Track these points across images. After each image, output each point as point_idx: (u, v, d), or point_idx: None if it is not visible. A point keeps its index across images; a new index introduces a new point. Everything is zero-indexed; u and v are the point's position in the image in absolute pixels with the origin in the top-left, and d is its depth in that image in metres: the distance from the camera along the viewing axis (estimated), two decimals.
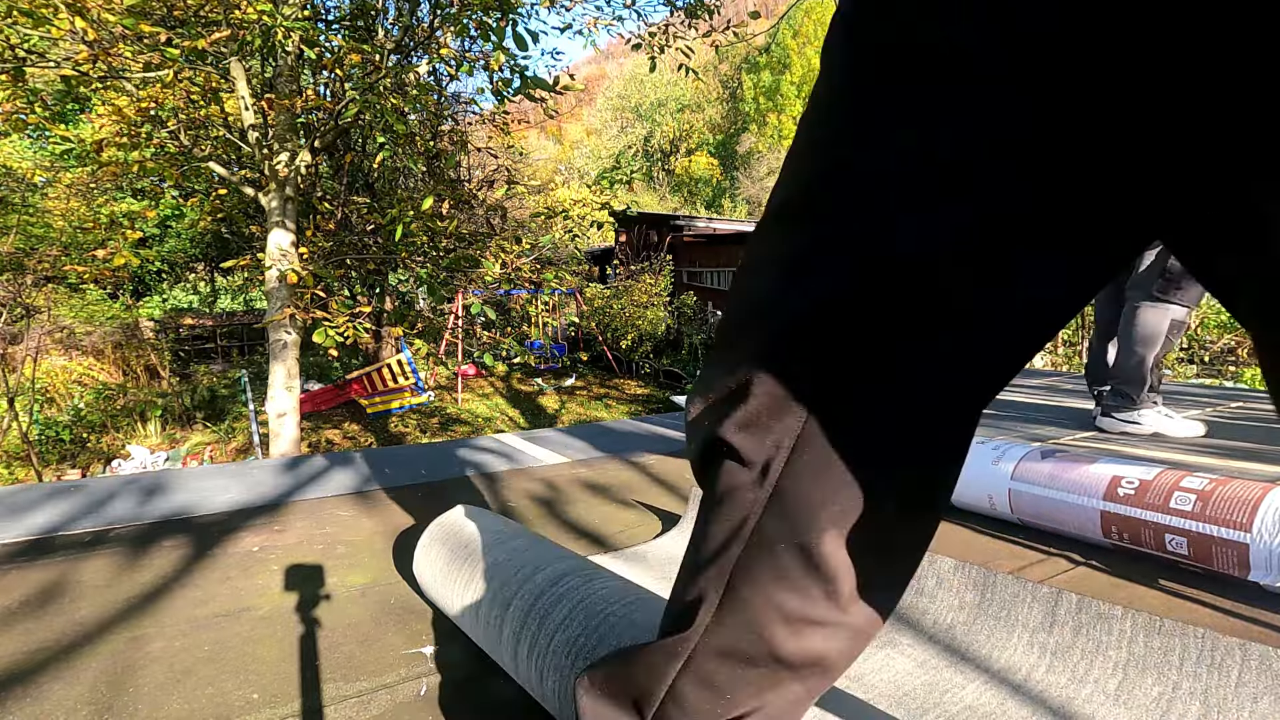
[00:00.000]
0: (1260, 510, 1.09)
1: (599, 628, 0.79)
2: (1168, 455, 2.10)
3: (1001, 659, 0.94)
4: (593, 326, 15.01)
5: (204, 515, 1.73)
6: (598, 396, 12.67)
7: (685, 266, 17.00)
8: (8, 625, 1.13)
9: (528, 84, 4.96)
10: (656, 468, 2.15)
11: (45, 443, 9.13)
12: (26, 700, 0.90)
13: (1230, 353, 8.47)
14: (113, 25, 4.07)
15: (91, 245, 7.61)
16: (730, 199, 43.05)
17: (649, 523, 1.62)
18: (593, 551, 1.41)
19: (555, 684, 0.79)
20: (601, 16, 6.36)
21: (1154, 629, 0.86)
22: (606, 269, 19.29)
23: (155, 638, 1.08)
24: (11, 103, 4.45)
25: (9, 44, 4.09)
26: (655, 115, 48.35)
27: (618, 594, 0.84)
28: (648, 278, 15.06)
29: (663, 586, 1.20)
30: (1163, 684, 0.83)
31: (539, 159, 24.97)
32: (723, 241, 16.30)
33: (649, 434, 2.74)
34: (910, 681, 0.90)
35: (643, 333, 14.57)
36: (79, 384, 11.14)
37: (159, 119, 5.17)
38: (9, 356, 8.76)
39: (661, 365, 14.42)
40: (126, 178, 6.24)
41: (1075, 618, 0.93)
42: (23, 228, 7.45)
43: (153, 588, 1.27)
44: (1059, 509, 1.36)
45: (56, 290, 11.29)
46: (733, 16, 6.49)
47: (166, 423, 10.68)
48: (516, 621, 0.87)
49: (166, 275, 16.85)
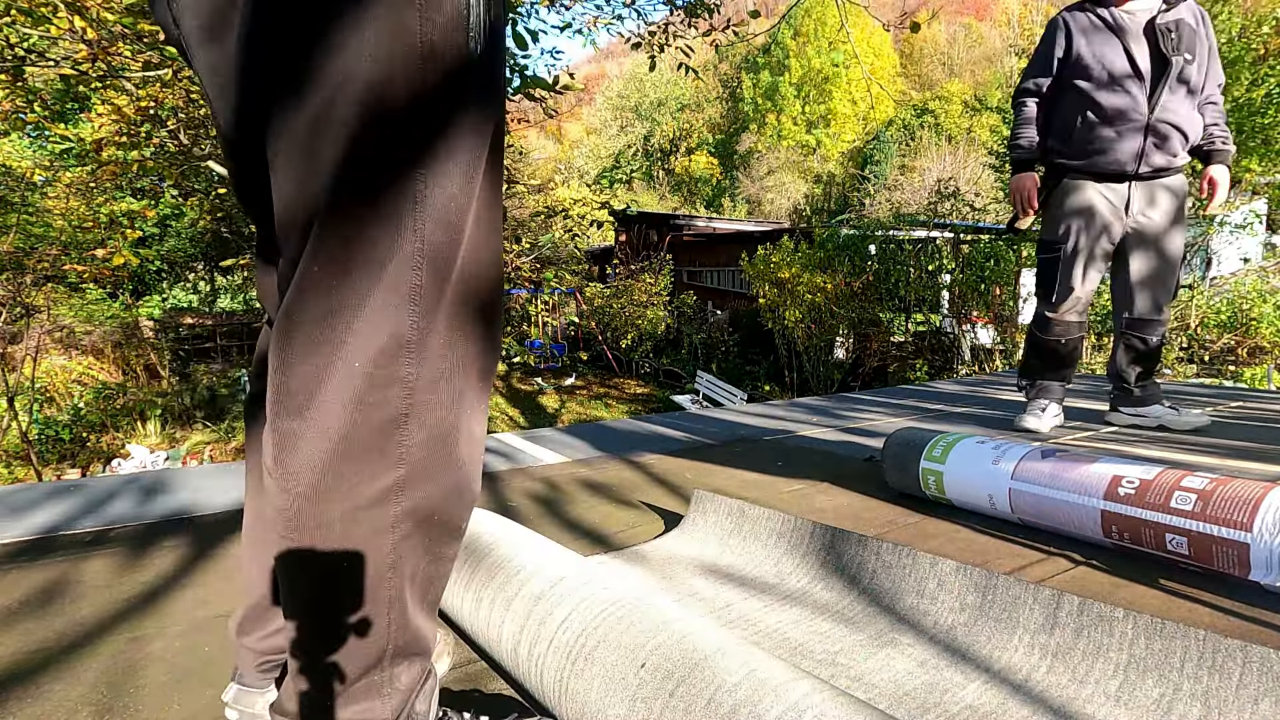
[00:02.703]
0: (1261, 510, 1.09)
1: (600, 628, 0.79)
2: (1168, 455, 2.10)
3: (1002, 660, 0.94)
4: (592, 326, 15.01)
5: (204, 515, 1.73)
6: (598, 396, 12.67)
7: (685, 266, 17.01)
8: (8, 625, 1.13)
9: (527, 83, 4.96)
10: (656, 467, 2.15)
11: (45, 442, 9.13)
12: (26, 700, 0.90)
13: (1230, 352, 8.46)
14: (112, 24, 4.07)
15: (91, 244, 7.60)
16: (730, 198, 43.03)
17: (649, 522, 1.62)
18: (593, 551, 1.41)
19: (556, 684, 0.79)
20: (601, 16, 6.36)
21: (1155, 631, 0.86)
22: (606, 268, 19.29)
23: (156, 638, 1.08)
24: (11, 102, 4.44)
25: (8, 43, 4.08)
26: (655, 115, 48.33)
27: (618, 594, 0.84)
28: (647, 277, 15.07)
29: (664, 586, 1.20)
30: (1164, 686, 0.83)
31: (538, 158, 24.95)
32: (723, 241, 16.30)
33: (649, 433, 2.74)
34: (910, 681, 0.90)
35: (642, 332, 14.57)
36: (79, 383, 11.13)
37: (159, 118, 5.17)
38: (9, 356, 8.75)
39: (661, 364, 14.42)
40: (126, 177, 6.23)
41: (1076, 620, 0.93)
42: (22, 227, 7.43)
43: (153, 588, 1.27)
44: (1059, 509, 1.36)
45: (56, 289, 11.28)
46: (733, 16, 6.48)
47: (166, 422, 10.68)
48: (517, 621, 0.87)
49: (166, 274, 16.84)
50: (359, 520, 0.59)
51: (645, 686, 0.70)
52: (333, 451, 0.57)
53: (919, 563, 1.11)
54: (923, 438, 1.69)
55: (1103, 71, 2.30)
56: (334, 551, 0.59)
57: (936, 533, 1.49)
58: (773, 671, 0.67)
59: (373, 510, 0.59)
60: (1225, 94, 6.01)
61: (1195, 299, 9.12)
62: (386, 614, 0.62)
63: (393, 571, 0.61)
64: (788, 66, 43.86)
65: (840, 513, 1.65)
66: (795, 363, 10.61)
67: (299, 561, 0.60)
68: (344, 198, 0.56)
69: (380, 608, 0.62)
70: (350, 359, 0.57)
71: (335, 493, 0.58)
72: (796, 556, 1.27)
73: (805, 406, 3.43)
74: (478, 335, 0.64)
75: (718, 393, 10.89)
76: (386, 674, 0.64)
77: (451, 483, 0.64)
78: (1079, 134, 2.36)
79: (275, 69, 0.55)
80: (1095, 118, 2.33)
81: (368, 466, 0.58)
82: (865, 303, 9.44)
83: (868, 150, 38.32)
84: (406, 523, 0.61)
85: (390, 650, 0.63)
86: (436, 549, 0.65)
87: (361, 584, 0.61)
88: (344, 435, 0.57)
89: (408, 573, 0.63)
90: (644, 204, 32.50)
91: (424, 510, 0.62)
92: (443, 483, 0.63)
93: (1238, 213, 8.50)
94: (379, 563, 0.61)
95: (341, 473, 0.58)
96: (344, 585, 0.60)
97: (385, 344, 0.57)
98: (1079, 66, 2.34)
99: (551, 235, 15.47)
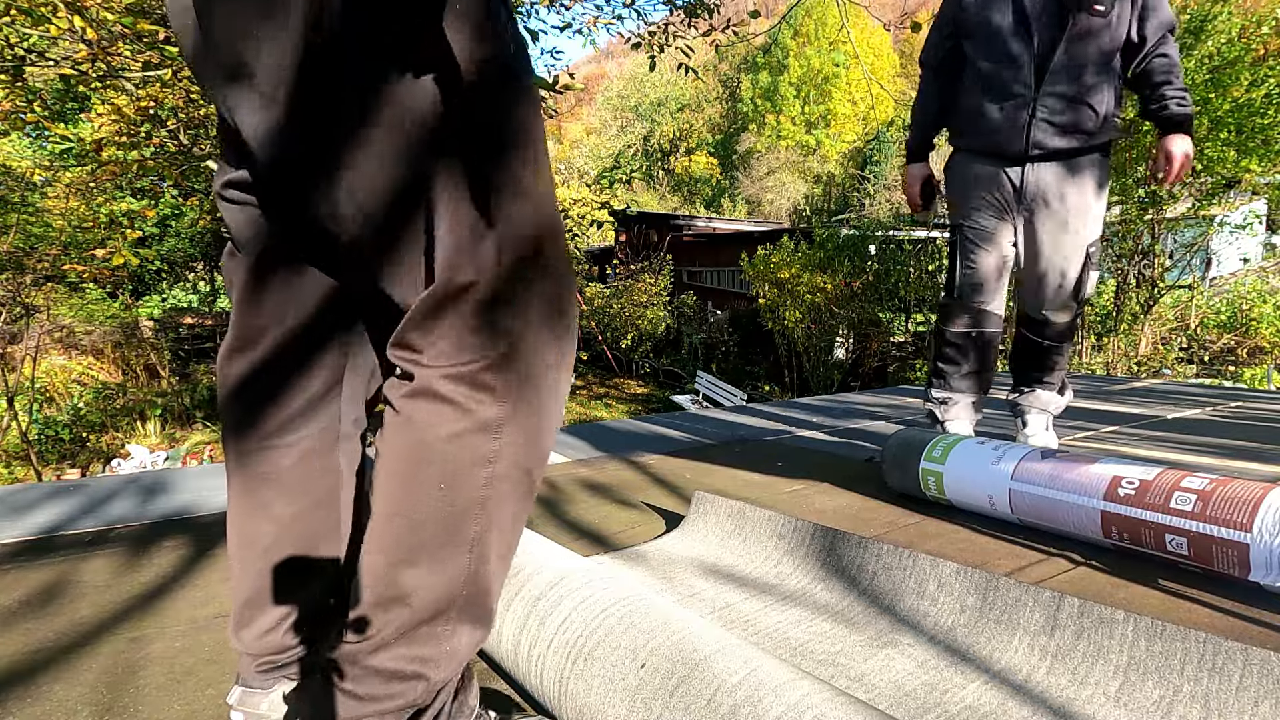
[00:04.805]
0: (1260, 510, 1.09)
1: (599, 628, 0.79)
2: (1168, 455, 2.10)
3: (1002, 661, 0.94)
4: (592, 326, 15.01)
5: (204, 515, 1.73)
6: (597, 396, 12.68)
7: (685, 266, 17.01)
8: (8, 625, 1.12)
9: None
10: (656, 467, 2.15)
11: (45, 442, 9.13)
12: (26, 700, 0.90)
13: (1230, 352, 8.47)
14: (112, 24, 4.07)
15: (91, 244, 7.60)
16: (730, 198, 43.04)
17: (649, 522, 1.62)
18: (593, 551, 1.41)
19: (556, 684, 0.79)
20: (601, 16, 6.36)
21: (1156, 633, 0.86)
22: (606, 268, 19.29)
23: (156, 638, 1.08)
24: (11, 101, 4.44)
25: (8, 43, 4.08)
26: (655, 115, 48.35)
27: (618, 595, 0.84)
28: (647, 277, 15.07)
29: (664, 587, 1.20)
30: (1164, 687, 0.83)
31: None
32: (723, 241, 16.31)
33: (649, 433, 2.74)
34: (910, 681, 0.90)
35: (642, 332, 14.58)
36: (79, 383, 11.13)
37: (158, 118, 5.17)
38: (8, 356, 8.75)
39: (661, 365, 14.42)
40: (126, 177, 6.23)
41: (1077, 622, 0.93)
42: (22, 227, 7.43)
43: (153, 588, 1.27)
44: (1059, 509, 1.36)
45: (56, 289, 11.28)
46: (732, 16, 6.48)
47: (166, 422, 10.68)
48: (517, 622, 0.87)
49: (166, 274, 16.84)
50: (464, 446, 0.59)
51: (645, 686, 0.70)
52: (446, 381, 0.59)
53: (919, 565, 1.11)
54: (923, 438, 1.69)
55: (985, 26, 1.89)
56: (434, 474, 0.59)
57: (936, 533, 1.49)
58: (773, 672, 0.67)
59: (476, 438, 0.59)
60: (1225, 94, 6.00)
61: (1195, 299, 9.13)
62: (468, 553, 0.61)
63: (481, 508, 0.61)
64: (787, 66, 43.85)
65: (840, 513, 1.65)
66: (795, 363, 10.61)
67: (400, 481, 0.60)
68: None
69: (464, 541, 0.61)
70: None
71: (443, 419, 0.59)
72: (797, 558, 1.27)
73: (805, 406, 3.43)
74: (559, 286, 0.65)
75: (717, 393, 10.89)
76: (450, 627, 0.62)
77: (535, 429, 0.63)
78: (963, 105, 1.99)
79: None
80: (975, 85, 1.94)
81: (474, 397, 0.59)
82: (865, 303, 9.44)
83: (868, 150, 38.30)
84: (501, 462, 0.61)
85: (461, 599, 0.62)
86: (515, 504, 0.65)
87: (451, 512, 0.60)
88: (458, 371, 0.59)
89: (494, 516, 0.62)
90: (644, 204, 32.49)
91: (512, 453, 0.62)
92: (527, 427, 0.62)
93: (1238, 213, 8.50)
94: (471, 495, 0.60)
95: (452, 401, 0.59)
96: (436, 508, 0.60)
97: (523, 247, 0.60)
98: (963, 21, 1.95)
99: None
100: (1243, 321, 8.61)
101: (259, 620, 0.74)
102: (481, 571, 0.63)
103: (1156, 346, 8.43)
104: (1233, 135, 6.05)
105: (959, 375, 2.10)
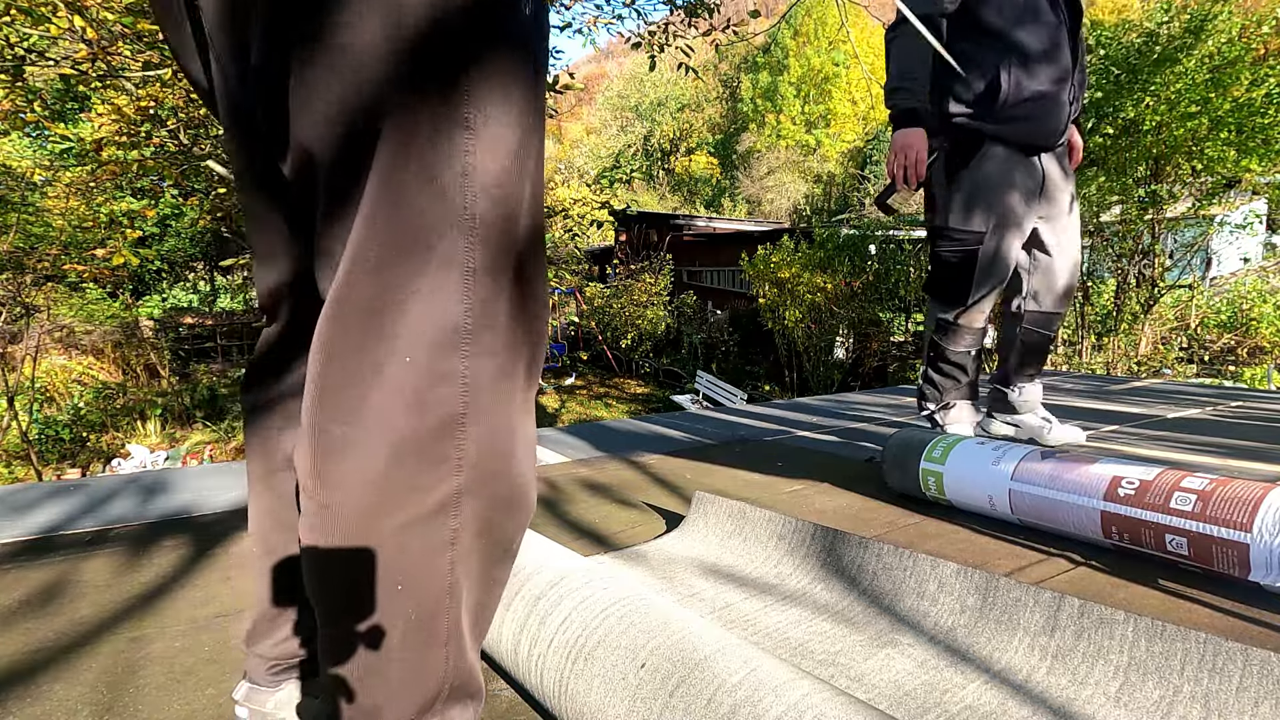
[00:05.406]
0: (1260, 510, 1.09)
1: (600, 628, 0.79)
2: (1168, 455, 2.10)
3: (1002, 661, 0.94)
4: (593, 325, 15.02)
5: (205, 514, 1.73)
6: (598, 396, 12.68)
7: (685, 266, 17.01)
8: (8, 625, 1.12)
9: None
10: (656, 467, 2.15)
11: (45, 442, 9.13)
12: (26, 700, 0.90)
13: (1230, 352, 8.47)
14: (112, 24, 4.07)
15: (91, 244, 7.60)
16: (730, 198, 43.04)
17: (649, 522, 1.62)
18: (593, 551, 1.41)
19: (556, 684, 0.79)
20: (601, 15, 6.36)
21: (1156, 634, 0.86)
22: (606, 268, 19.29)
23: (156, 638, 1.08)
24: (11, 101, 4.44)
25: (8, 43, 4.08)
26: (655, 114, 48.35)
27: (618, 594, 0.84)
28: (647, 277, 15.08)
29: (664, 587, 1.20)
30: (1164, 688, 0.83)
31: None
32: (723, 241, 16.31)
33: (649, 433, 2.74)
34: (910, 681, 0.90)
35: (642, 332, 14.58)
36: (79, 383, 11.13)
37: (158, 118, 5.17)
38: (9, 355, 8.75)
39: (661, 364, 14.42)
40: (126, 177, 6.23)
41: (1077, 622, 0.93)
42: (22, 227, 7.44)
43: (153, 588, 1.27)
44: (1059, 509, 1.36)
45: (56, 289, 11.29)
46: (733, 15, 6.48)
47: (166, 422, 10.68)
48: (517, 621, 0.87)
49: (166, 274, 16.85)
50: (416, 535, 0.52)
51: (645, 686, 0.70)
52: (389, 457, 0.50)
53: (919, 565, 1.11)
54: (923, 438, 1.69)
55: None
56: (387, 573, 0.52)
57: (936, 533, 1.49)
58: (773, 671, 0.67)
59: (431, 524, 0.52)
60: (1225, 94, 6.00)
61: (1195, 299, 9.13)
62: (444, 646, 0.55)
63: (450, 597, 0.54)
64: (787, 66, 43.84)
65: (840, 513, 1.65)
66: (795, 363, 10.60)
67: (345, 587, 0.53)
68: (388, 145, 0.49)
69: (438, 639, 0.54)
70: (403, 352, 0.50)
71: (390, 504, 0.51)
72: (797, 558, 1.27)
73: (805, 406, 3.43)
74: (524, 323, 0.57)
75: (718, 393, 10.89)
76: (439, 719, 0.57)
77: (506, 492, 0.57)
78: (1009, 88, 1.72)
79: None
80: (1019, 64, 1.70)
81: (426, 473, 0.52)
82: (865, 303, 9.44)
83: (868, 150, 38.31)
84: (465, 538, 0.54)
85: (446, 691, 0.56)
86: (491, 571, 0.59)
87: (417, 611, 0.53)
88: (402, 438, 0.50)
89: (465, 598, 0.56)
90: (644, 204, 32.49)
91: (480, 523, 0.55)
92: (498, 491, 0.56)
93: (1238, 212, 8.51)
94: (437, 586, 0.54)
95: (398, 481, 0.51)
96: (397, 612, 0.53)
97: (439, 335, 0.50)
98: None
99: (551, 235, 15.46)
100: (1243, 321, 8.61)
101: (278, 628, 0.73)
102: (462, 659, 0.57)
103: (1156, 346, 8.44)
104: (1233, 135, 6.05)
105: (957, 388, 2.09)
